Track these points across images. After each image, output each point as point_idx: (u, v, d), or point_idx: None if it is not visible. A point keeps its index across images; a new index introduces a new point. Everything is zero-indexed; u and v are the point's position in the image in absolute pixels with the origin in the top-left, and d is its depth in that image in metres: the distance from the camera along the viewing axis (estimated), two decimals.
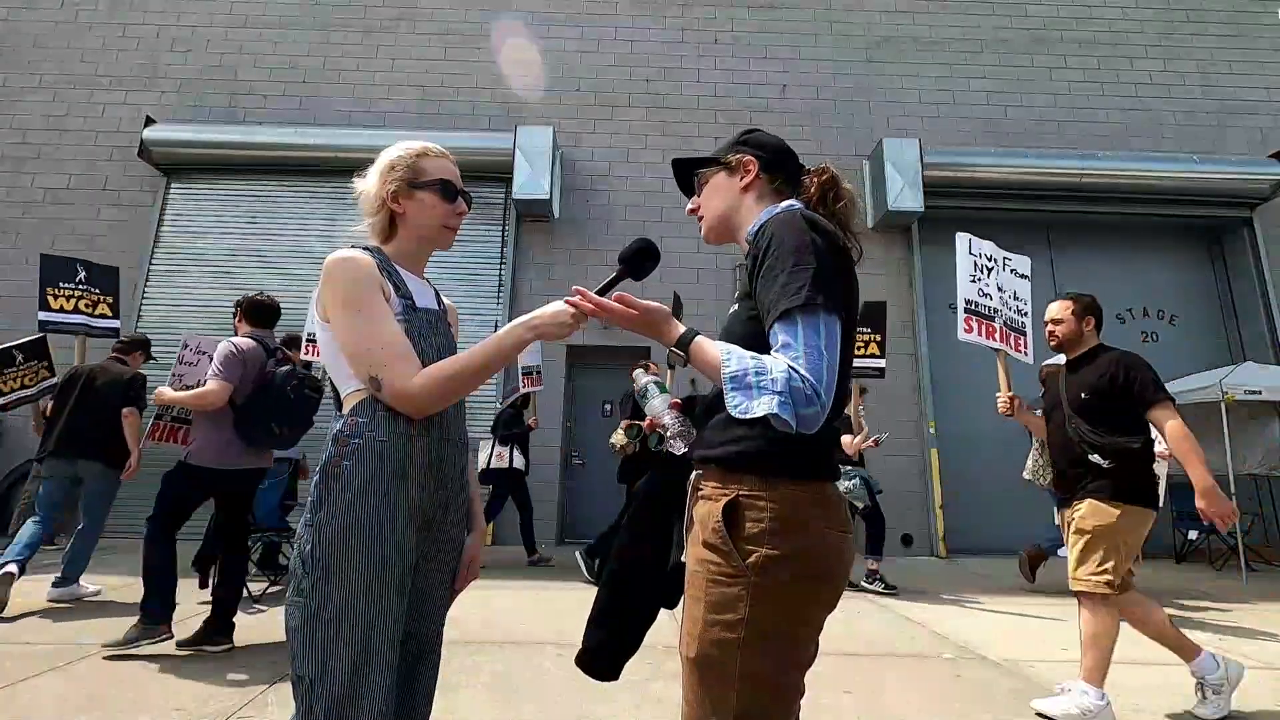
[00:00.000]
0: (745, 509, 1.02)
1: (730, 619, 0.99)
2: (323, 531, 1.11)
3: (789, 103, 8.27)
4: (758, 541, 1.00)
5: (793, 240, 1.03)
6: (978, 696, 2.72)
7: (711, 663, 1.00)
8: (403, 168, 1.30)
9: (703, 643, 1.01)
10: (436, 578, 1.27)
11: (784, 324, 0.99)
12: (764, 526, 1.00)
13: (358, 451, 1.15)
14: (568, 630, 3.47)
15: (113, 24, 8.38)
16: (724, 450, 1.06)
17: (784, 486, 1.02)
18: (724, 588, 1.00)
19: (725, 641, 0.99)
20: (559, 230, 7.81)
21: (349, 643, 1.08)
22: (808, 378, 0.94)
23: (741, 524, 1.01)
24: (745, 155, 1.22)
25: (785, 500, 1.01)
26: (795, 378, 0.94)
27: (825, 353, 0.96)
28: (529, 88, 8.22)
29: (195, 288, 7.55)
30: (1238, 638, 3.79)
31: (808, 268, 0.99)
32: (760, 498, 1.02)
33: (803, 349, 0.96)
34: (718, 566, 1.01)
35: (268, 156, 7.73)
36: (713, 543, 1.03)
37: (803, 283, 0.98)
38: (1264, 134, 8.35)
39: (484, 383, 1.26)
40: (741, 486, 1.03)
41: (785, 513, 1.01)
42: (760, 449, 1.02)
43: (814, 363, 0.95)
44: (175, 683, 2.62)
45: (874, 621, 3.96)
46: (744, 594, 0.98)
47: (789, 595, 1.00)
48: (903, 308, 7.69)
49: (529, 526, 5.92)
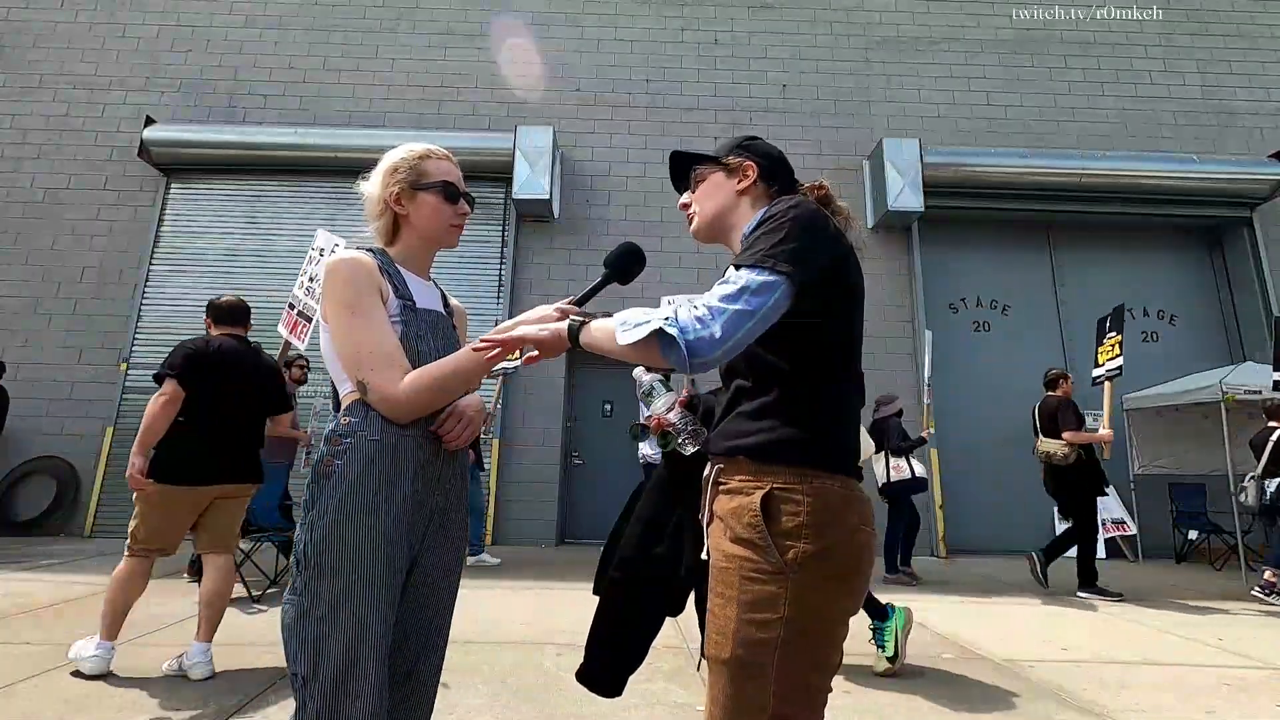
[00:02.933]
0: (781, 502, 0.98)
1: (768, 618, 0.95)
2: (315, 530, 1.12)
3: (789, 103, 8.26)
4: (795, 536, 0.96)
5: (778, 216, 1.06)
6: (978, 696, 2.72)
7: (746, 664, 0.96)
8: (405, 170, 1.31)
9: (737, 643, 0.96)
10: (437, 577, 1.27)
11: (729, 270, 1.03)
12: (801, 520, 0.97)
13: (349, 451, 1.16)
14: (568, 630, 3.48)
15: (113, 24, 8.38)
16: (757, 439, 1.03)
17: (817, 479, 1.00)
18: (761, 585, 0.96)
19: (762, 641, 0.95)
20: (559, 230, 7.81)
21: (341, 640, 1.08)
22: (711, 305, 0.96)
23: (779, 517, 0.98)
24: (746, 160, 1.22)
25: (820, 493, 0.99)
26: (687, 306, 0.97)
27: (744, 296, 0.96)
28: (529, 88, 8.22)
29: (195, 288, 7.54)
30: (1238, 637, 3.79)
31: (775, 236, 1.02)
32: (796, 490, 0.99)
33: (725, 286, 0.98)
34: (753, 563, 0.97)
35: (268, 156, 7.73)
36: (747, 538, 0.99)
37: (761, 247, 1.01)
38: (1264, 134, 8.35)
39: (473, 387, 1.26)
40: (776, 479, 1.00)
41: (821, 507, 0.98)
42: (794, 437, 1.01)
43: (726, 296, 0.97)
44: (175, 682, 2.62)
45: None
46: (783, 591, 0.95)
47: (827, 592, 0.97)
48: (903, 308, 7.69)
49: (912, 540, 5.56)
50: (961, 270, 8.17)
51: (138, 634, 3.23)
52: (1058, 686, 2.86)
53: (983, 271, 8.22)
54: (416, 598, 1.24)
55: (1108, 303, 8.09)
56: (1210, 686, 2.88)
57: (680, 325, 0.93)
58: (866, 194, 7.93)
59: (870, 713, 2.54)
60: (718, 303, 0.96)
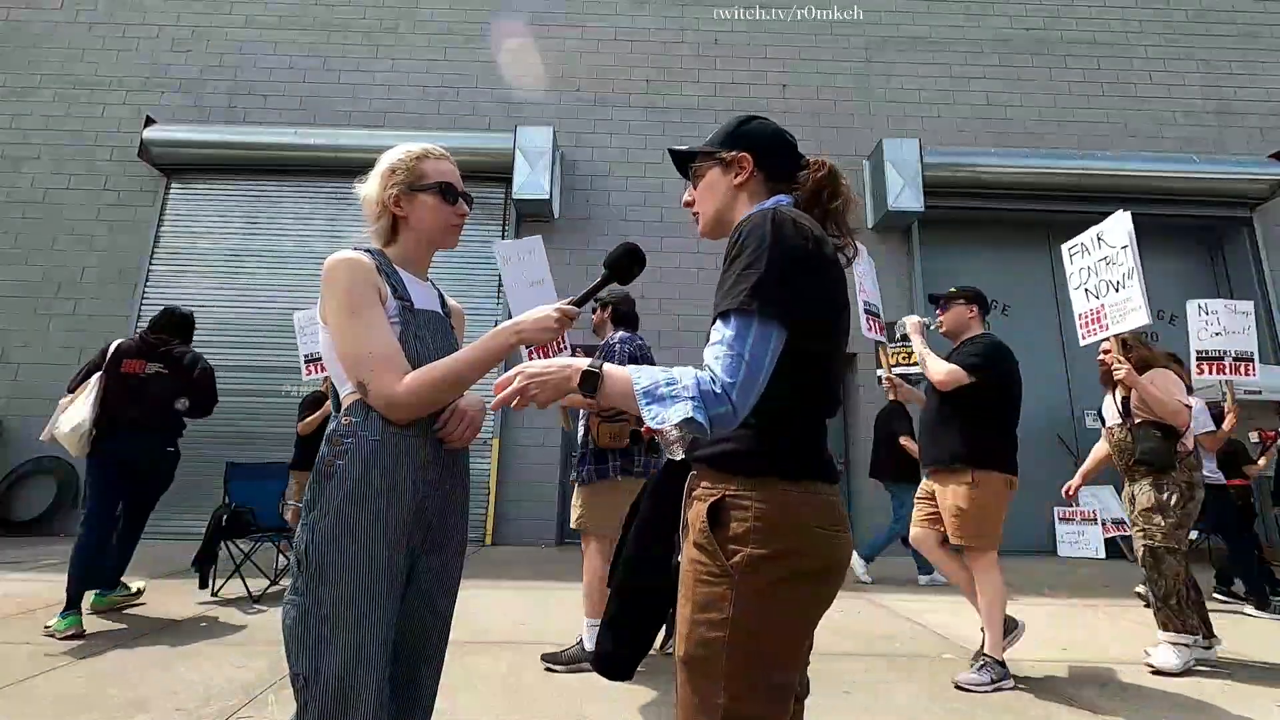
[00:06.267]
0: (731, 509, 1.02)
1: (715, 618, 0.99)
2: (315, 531, 1.12)
3: (789, 103, 8.26)
4: (742, 541, 1.00)
5: (752, 243, 1.03)
6: (978, 696, 2.72)
7: (698, 662, 1.00)
8: (403, 171, 1.31)
9: (690, 642, 1.01)
10: (438, 577, 1.27)
11: (719, 323, 1.01)
12: (749, 526, 1.01)
13: (350, 451, 1.16)
14: (568, 630, 3.47)
15: (113, 24, 8.38)
16: (714, 450, 1.07)
17: (772, 486, 1.02)
18: (709, 587, 1.01)
19: (711, 641, 0.99)
20: (559, 230, 7.80)
21: (341, 641, 1.08)
22: (719, 377, 0.95)
23: (727, 524, 1.02)
24: (740, 153, 1.20)
25: (773, 500, 1.02)
26: (704, 380, 0.95)
27: (746, 356, 0.96)
28: (529, 88, 8.22)
29: (195, 288, 7.55)
30: (1239, 637, 3.79)
31: (755, 272, 1.00)
32: (746, 497, 1.02)
33: (725, 349, 0.98)
34: (704, 567, 1.02)
35: (268, 156, 7.73)
36: (699, 543, 1.04)
37: (745, 286, 0.99)
38: (1264, 134, 8.35)
39: (472, 386, 1.26)
40: (729, 486, 1.04)
41: (772, 512, 1.01)
42: (748, 449, 1.03)
43: (730, 365, 0.96)
44: (175, 683, 2.62)
45: (874, 621, 3.96)
46: (728, 593, 0.99)
47: (776, 594, 1.00)
48: (902, 308, 7.68)
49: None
50: (961, 270, 8.14)
51: (137, 635, 3.24)
52: (1058, 686, 2.86)
53: (983, 271, 8.20)
54: (417, 598, 1.24)
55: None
56: (1210, 686, 2.88)
57: (704, 404, 0.94)
58: (866, 194, 7.93)
59: (870, 712, 2.54)
60: (725, 376, 0.95)
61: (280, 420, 6.93)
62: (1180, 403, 3.19)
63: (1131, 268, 3.27)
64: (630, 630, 1.17)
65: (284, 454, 5.35)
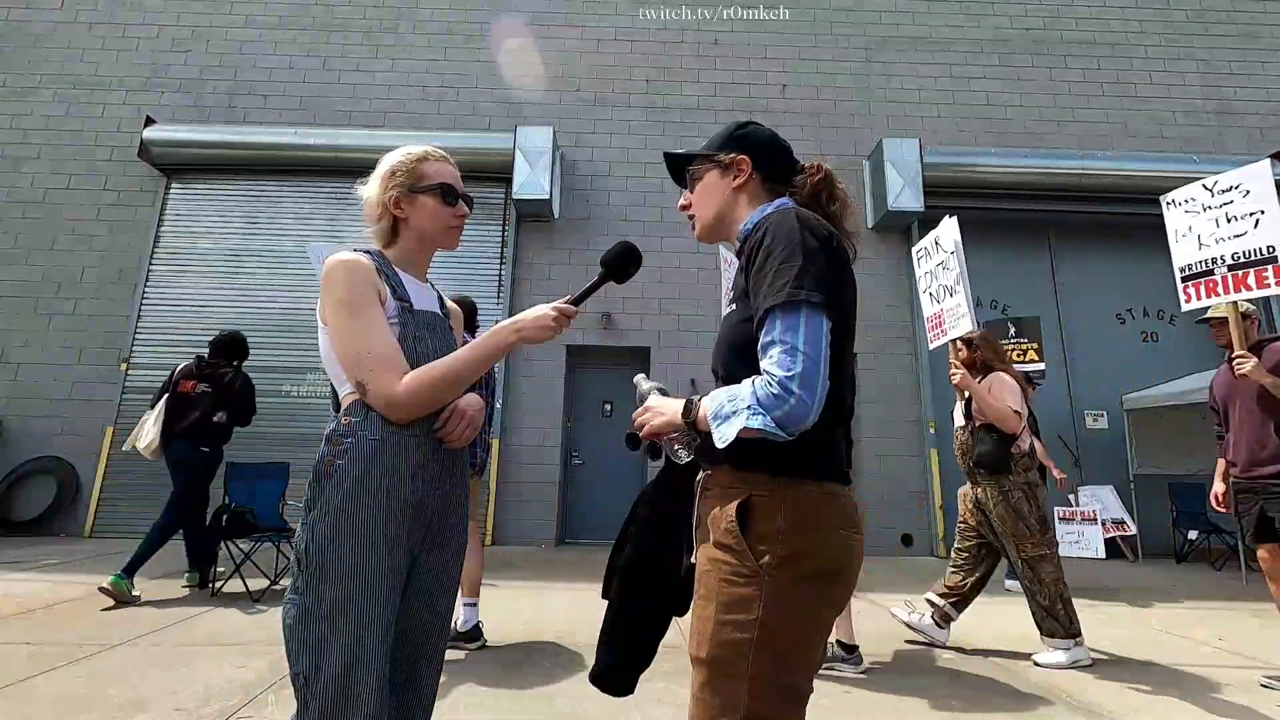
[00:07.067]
0: (758, 508, 1.02)
1: (743, 619, 0.98)
2: (315, 530, 1.12)
3: (789, 103, 8.27)
4: (770, 541, 1.00)
5: (783, 238, 1.03)
6: (978, 696, 2.72)
7: (723, 663, 0.99)
8: (403, 173, 1.31)
9: (714, 643, 1.00)
10: (438, 576, 1.27)
11: (766, 322, 1.00)
12: (776, 525, 1.00)
13: (350, 451, 1.16)
14: (568, 630, 3.47)
15: (113, 24, 8.38)
16: (738, 447, 1.04)
17: (795, 485, 1.02)
18: (737, 588, 1.00)
19: (737, 642, 0.98)
20: (559, 230, 7.81)
21: (341, 640, 1.08)
22: (775, 375, 0.94)
23: (754, 523, 1.01)
24: (738, 155, 1.21)
25: (797, 499, 1.01)
26: (759, 384, 0.95)
27: (802, 346, 0.95)
28: (529, 88, 8.22)
29: (195, 288, 7.55)
30: (1240, 637, 3.79)
31: (794, 265, 0.99)
32: (772, 495, 1.02)
33: (777, 348, 0.97)
34: (730, 566, 1.01)
35: (268, 156, 7.73)
36: (725, 542, 1.03)
37: (786, 279, 0.99)
38: (1264, 134, 8.35)
39: (471, 385, 1.26)
40: (754, 485, 1.03)
41: (797, 511, 1.01)
42: (775, 447, 1.02)
43: (784, 359, 0.95)
44: (175, 683, 2.62)
45: (874, 621, 3.96)
46: (757, 594, 0.98)
47: (801, 595, 0.99)
48: (902, 308, 7.69)
49: None
50: None
51: (134, 636, 3.24)
52: (1058, 686, 2.86)
53: (982, 271, 8.21)
54: (417, 596, 1.24)
55: (1108, 303, 8.13)
56: (1211, 686, 2.88)
57: (764, 408, 0.94)
58: (866, 194, 7.93)
59: (870, 712, 2.54)
60: (781, 372, 0.94)
61: (281, 420, 6.94)
62: (1010, 408, 3.26)
63: (959, 273, 3.35)
64: (632, 641, 1.16)
65: (284, 454, 5.35)
